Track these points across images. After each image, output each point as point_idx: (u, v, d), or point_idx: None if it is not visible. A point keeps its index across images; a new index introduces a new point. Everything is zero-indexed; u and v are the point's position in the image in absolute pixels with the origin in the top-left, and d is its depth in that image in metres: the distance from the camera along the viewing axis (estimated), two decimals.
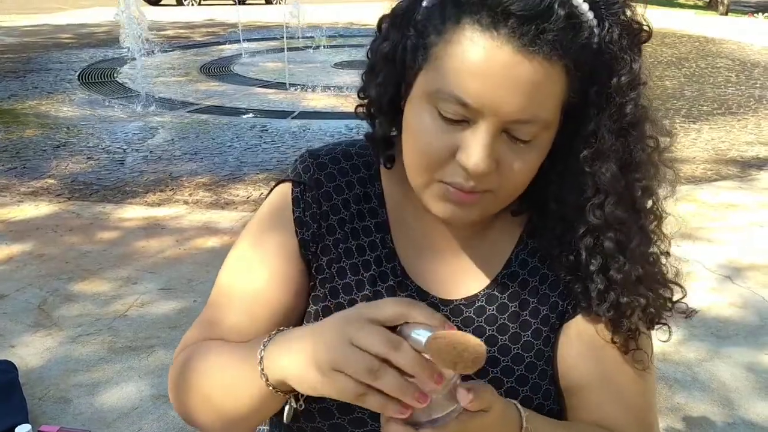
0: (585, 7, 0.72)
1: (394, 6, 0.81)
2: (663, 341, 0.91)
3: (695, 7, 22.04)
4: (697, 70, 9.64)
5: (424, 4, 0.76)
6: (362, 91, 0.87)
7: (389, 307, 0.66)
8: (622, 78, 0.75)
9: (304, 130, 6.37)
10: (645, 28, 0.78)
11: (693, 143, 6.00)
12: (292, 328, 0.79)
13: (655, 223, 0.86)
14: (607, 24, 0.74)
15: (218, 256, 3.75)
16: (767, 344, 2.93)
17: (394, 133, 0.87)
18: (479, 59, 0.69)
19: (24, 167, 5.29)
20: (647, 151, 0.80)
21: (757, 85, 8.55)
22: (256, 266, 0.89)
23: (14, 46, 11.21)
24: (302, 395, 0.77)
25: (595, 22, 0.73)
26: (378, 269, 0.88)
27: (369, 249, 0.89)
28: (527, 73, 0.69)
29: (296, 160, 0.93)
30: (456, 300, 0.89)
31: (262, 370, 0.74)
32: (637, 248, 0.81)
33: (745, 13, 18.70)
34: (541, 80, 0.70)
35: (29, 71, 9.18)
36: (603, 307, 0.84)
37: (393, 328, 0.65)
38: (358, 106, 0.89)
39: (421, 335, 0.63)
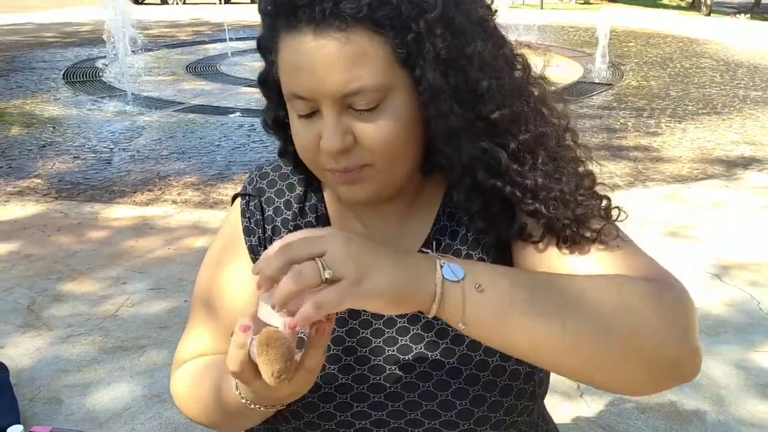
0: None
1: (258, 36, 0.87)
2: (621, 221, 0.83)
3: (678, 7, 22.24)
4: (682, 70, 9.73)
5: (266, 29, 0.82)
6: (262, 113, 0.94)
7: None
8: (429, 17, 0.74)
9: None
10: None
11: (679, 143, 6.05)
12: None
13: (545, 137, 0.81)
14: None
15: None
16: (757, 342, 2.97)
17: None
18: (294, 56, 0.75)
19: (10, 167, 5.24)
20: (492, 79, 0.77)
21: (741, 85, 8.64)
22: (220, 287, 0.97)
23: None
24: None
25: None
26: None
27: None
28: (331, 51, 0.73)
29: (247, 176, 1.02)
30: None
31: (240, 394, 0.81)
32: (509, 167, 0.78)
33: (727, 13, 18.92)
34: (348, 52, 0.73)
35: (13, 70, 9.10)
36: (514, 229, 0.83)
37: None
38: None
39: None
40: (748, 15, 17.69)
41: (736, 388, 2.65)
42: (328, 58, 0.73)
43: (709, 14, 18.86)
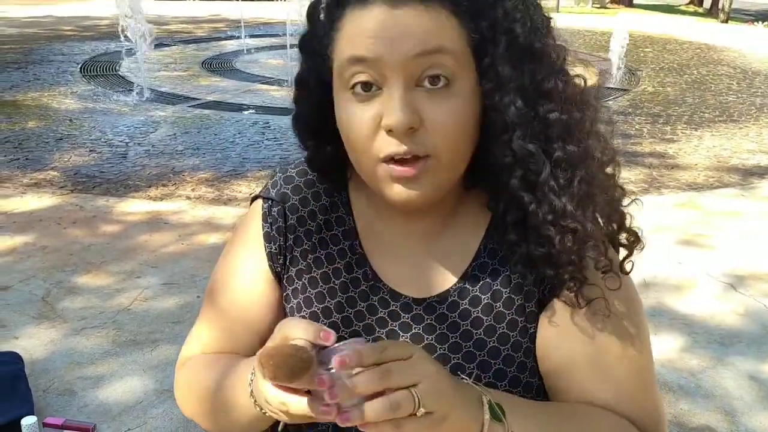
0: None
1: (300, 35, 0.86)
2: (612, 289, 0.83)
3: (696, 14, 22.10)
4: (699, 77, 9.67)
5: (321, 18, 0.81)
6: (294, 119, 0.92)
7: (277, 336, 0.70)
8: (508, 3, 0.76)
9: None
10: None
11: (695, 150, 6.02)
12: None
13: (588, 158, 0.80)
14: None
15: (221, 252, 3.73)
16: None
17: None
18: (363, 26, 0.74)
19: (27, 159, 5.28)
20: (557, 82, 0.78)
21: (758, 94, 8.58)
22: (234, 286, 0.95)
23: (16, 37, 11.18)
24: None
25: None
26: (349, 276, 0.90)
27: (338, 257, 0.91)
28: (409, 19, 0.73)
29: (270, 176, 0.98)
30: (428, 298, 0.89)
31: (252, 393, 0.78)
32: (547, 182, 0.77)
33: (744, 21, 18.79)
34: (424, 21, 0.73)
35: (31, 62, 9.16)
36: (514, 261, 0.84)
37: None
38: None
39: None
40: (767, 23, 17.55)
41: (749, 399, 2.64)
42: (404, 25, 0.73)
43: (726, 21, 18.73)
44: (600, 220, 0.82)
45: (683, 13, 21.98)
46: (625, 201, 0.86)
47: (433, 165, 0.77)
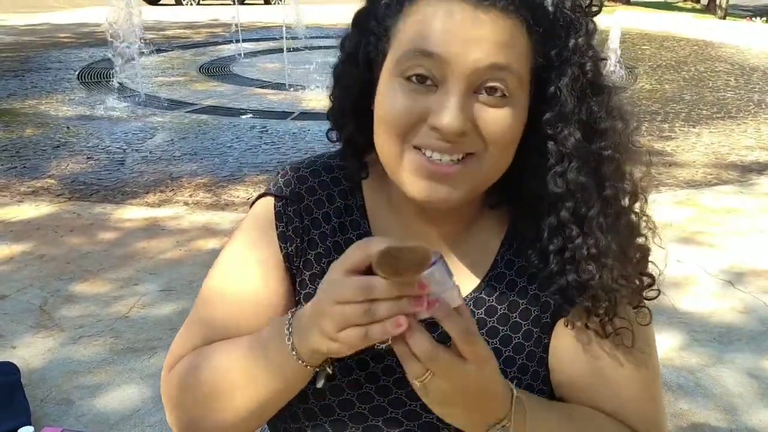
0: None
1: (356, 9, 0.84)
2: (643, 324, 0.87)
3: (693, 10, 22.09)
4: (696, 73, 9.66)
5: None
6: (332, 94, 0.90)
7: (353, 253, 0.69)
8: (580, 39, 0.77)
9: (303, 131, 6.36)
10: (595, 2, 0.81)
11: (693, 147, 6.01)
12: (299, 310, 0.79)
13: (627, 199, 0.83)
14: None
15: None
16: None
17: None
18: (439, 19, 0.73)
19: (24, 167, 5.28)
20: (612, 122, 0.80)
21: (756, 90, 8.56)
22: (243, 281, 0.90)
23: (13, 45, 11.19)
24: (332, 362, 0.79)
25: None
26: None
27: None
28: (488, 26, 0.73)
29: (277, 174, 0.94)
30: None
31: (292, 346, 0.75)
32: (596, 218, 0.79)
33: (742, 17, 18.77)
34: (501, 32, 0.73)
35: (28, 70, 9.17)
36: (552, 290, 0.85)
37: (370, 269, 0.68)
38: (329, 111, 0.91)
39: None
40: (764, 18, 17.53)
41: (748, 396, 2.63)
42: (484, 31, 0.73)
43: (724, 17, 18.71)
44: (636, 256, 0.84)
45: (681, 9, 21.96)
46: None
47: (475, 166, 0.77)
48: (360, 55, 0.82)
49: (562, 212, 0.80)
